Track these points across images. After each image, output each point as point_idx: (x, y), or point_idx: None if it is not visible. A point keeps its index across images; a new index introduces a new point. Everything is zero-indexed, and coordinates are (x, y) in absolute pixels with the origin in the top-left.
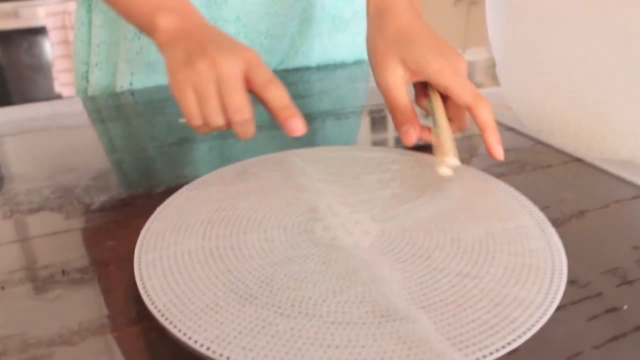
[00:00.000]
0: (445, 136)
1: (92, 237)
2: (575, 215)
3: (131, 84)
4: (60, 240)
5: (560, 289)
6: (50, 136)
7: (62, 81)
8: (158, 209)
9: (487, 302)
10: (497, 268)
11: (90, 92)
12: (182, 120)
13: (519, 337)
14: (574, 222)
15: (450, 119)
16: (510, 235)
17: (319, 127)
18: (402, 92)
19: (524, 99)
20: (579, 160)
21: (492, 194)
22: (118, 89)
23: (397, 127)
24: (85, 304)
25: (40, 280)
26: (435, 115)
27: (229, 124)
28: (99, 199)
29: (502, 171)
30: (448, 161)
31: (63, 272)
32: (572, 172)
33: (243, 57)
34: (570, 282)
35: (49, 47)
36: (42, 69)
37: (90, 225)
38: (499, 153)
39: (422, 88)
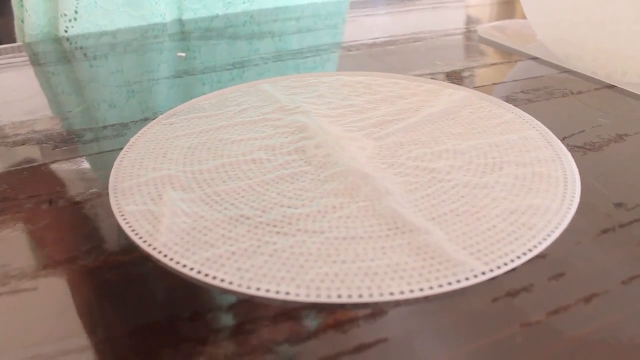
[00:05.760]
0: None
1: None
2: (613, 139)
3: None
4: (48, 171)
5: (576, 195)
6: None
7: None
8: (132, 139)
9: (501, 210)
10: (507, 178)
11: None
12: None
13: (540, 243)
14: (614, 146)
15: None
16: (515, 146)
17: (298, 64)
18: None
19: (550, 22)
20: (612, 86)
21: (491, 109)
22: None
23: None
24: (73, 235)
25: (24, 211)
26: None
27: None
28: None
29: (529, 97)
30: None
31: (50, 202)
32: (605, 97)
33: None
34: (617, 205)
35: None
36: None
37: (74, 156)
38: None
39: None
